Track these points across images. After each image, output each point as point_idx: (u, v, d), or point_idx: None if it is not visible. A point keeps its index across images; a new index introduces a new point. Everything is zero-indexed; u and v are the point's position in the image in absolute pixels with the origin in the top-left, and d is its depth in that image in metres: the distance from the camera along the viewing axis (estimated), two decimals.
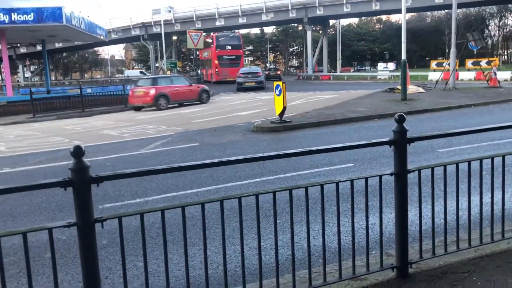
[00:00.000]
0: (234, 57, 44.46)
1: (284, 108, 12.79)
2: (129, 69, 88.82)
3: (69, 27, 22.55)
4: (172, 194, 6.32)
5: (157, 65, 62.97)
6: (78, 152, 2.31)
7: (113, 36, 58.71)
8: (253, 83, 33.62)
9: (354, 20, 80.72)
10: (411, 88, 22.43)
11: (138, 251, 4.30)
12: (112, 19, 61.57)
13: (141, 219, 2.57)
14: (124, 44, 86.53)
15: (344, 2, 49.70)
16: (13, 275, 3.99)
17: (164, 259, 2.64)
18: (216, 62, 44.16)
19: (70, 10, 22.59)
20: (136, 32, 61.59)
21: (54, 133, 14.58)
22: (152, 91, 21.73)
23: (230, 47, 44.61)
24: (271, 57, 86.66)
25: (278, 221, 3.13)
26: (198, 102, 23.70)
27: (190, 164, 2.66)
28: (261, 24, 65.61)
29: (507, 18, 70.39)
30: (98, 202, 5.91)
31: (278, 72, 52.73)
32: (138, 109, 22.37)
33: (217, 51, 44.64)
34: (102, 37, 31.27)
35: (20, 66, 66.46)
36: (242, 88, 33.10)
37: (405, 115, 3.26)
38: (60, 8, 21.57)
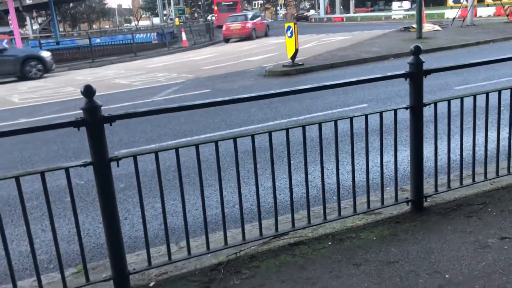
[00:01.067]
0: (231, 3, 45.89)
1: (296, 50, 12.52)
2: (137, 19, 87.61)
3: None
4: (186, 139, 6.36)
5: (165, 12, 61.61)
6: (89, 91, 2.29)
7: None
8: None
9: None
10: (427, 26, 21.70)
11: (155, 193, 4.39)
12: None
13: (156, 158, 2.59)
14: None
15: None
16: (37, 217, 4.12)
17: (180, 194, 2.68)
18: (215, 8, 45.87)
19: None
20: None
21: (65, 84, 14.59)
22: (249, 25, 27.52)
23: None
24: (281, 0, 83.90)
25: (292, 162, 3.13)
26: (264, 36, 29.01)
27: (202, 102, 2.64)
28: None
29: None
30: (113, 148, 5.97)
31: (305, 14, 54.24)
32: (228, 40, 27.95)
33: None
34: None
35: (28, 18, 65.63)
36: None
37: (421, 47, 3.15)
38: None
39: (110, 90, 12.13)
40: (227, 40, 28.03)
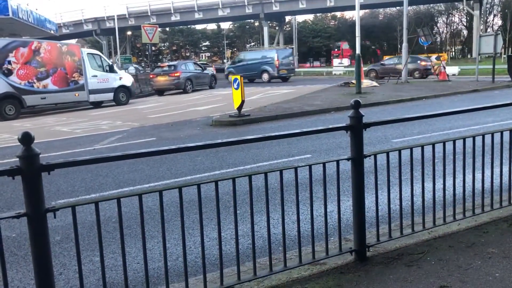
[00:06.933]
0: None
1: (243, 101, 12.77)
2: None
3: (16, 20, 21.54)
4: (129, 188, 6.17)
5: (111, 60, 61.39)
6: (26, 138, 2.20)
7: (64, 30, 56.71)
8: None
9: (309, 17, 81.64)
10: (365, 82, 22.96)
11: (94, 246, 4.17)
12: (63, 13, 59.42)
13: (96, 209, 2.48)
14: (76, 39, 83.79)
15: None
16: None
17: (121, 248, 2.56)
18: None
19: (16, 2, 21.59)
20: (88, 27, 59.85)
21: (1, 131, 13.91)
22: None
23: None
24: (228, 53, 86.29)
25: (238, 212, 3.11)
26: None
27: (146, 151, 2.60)
28: (218, 20, 65.34)
29: (454, 15, 73.39)
30: (50, 198, 5.69)
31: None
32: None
33: None
34: (52, 32, 30.11)
35: None
36: None
37: (360, 102, 3.32)
38: (5, 0, 20.56)
39: (50, 137, 11.69)
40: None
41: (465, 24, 72.35)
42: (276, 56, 33.11)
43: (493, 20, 70.46)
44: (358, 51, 19.14)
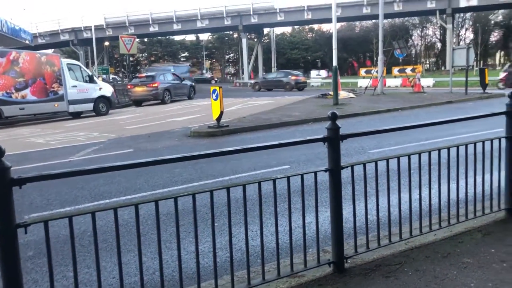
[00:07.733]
0: None
1: (221, 112, 12.76)
2: None
3: None
4: (104, 201, 6.06)
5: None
6: None
7: (40, 41, 55.90)
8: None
9: (288, 29, 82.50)
10: (342, 94, 23.24)
11: (68, 261, 4.06)
12: (38, 23, 58.45)
13: (70, 223, 2.42)
14: (52, 49, 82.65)
15: (278, 10, 50.83)
16: None
17: (95, 263, 2.50)
18: None
19: None
20: (65, 37, 59.09)
21: None
22: None
23: None
24: (207, 64, 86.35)
25: (216, 224, 3.08)
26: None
27: (122, 163, 2.55)
28: (197, 31, 65.42)
29: (428, 29, 75.23)
30: (23, 212, 5.54)
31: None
32: None
33: None
34: (27, 42, 29.59)
35: None
36: None
37: (337, 114, 3.35)
38: None
39: (24, 149, 11.43)
40: None
41: (438, 37, 74.22)
42: (172, 71, 37.67)
43: (465, 33, 72.56)
44: (335, 63, 19.41)
